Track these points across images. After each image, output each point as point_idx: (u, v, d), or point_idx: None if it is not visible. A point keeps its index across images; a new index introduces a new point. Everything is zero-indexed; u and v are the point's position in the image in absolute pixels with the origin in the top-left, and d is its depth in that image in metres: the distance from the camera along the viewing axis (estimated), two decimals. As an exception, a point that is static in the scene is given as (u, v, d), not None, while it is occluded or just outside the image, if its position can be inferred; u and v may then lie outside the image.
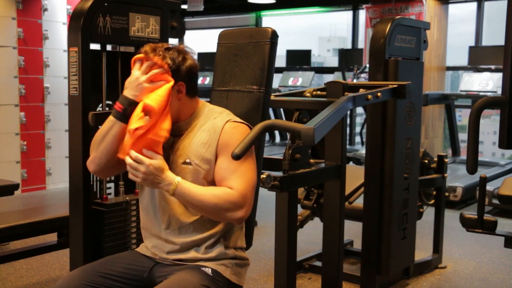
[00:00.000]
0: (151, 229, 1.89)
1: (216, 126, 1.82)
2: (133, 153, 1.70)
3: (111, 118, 1.82)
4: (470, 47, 6.52)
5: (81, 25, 2.43)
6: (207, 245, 1.83)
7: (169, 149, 1.84)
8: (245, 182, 1.77)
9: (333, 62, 9.84)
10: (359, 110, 7.85)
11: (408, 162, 3.26)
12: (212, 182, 1.81)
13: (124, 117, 1.78)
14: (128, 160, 1.71)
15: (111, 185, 2.65)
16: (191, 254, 1.83)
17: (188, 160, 1.79)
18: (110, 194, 2.63)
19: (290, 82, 7.61)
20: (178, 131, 1.86)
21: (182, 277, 1.74)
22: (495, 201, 4.99)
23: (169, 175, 1.72)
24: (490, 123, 10.88)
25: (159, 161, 1.71)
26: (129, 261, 1.88)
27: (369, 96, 2.53)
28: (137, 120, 1.71)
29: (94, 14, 2.46)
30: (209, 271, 1.80)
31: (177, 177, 1.73)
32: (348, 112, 4.27)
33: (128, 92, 1.78)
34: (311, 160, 2.50)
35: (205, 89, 8.28)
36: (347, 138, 5.48)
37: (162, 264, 1.86)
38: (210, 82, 2.01)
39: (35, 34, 5.88)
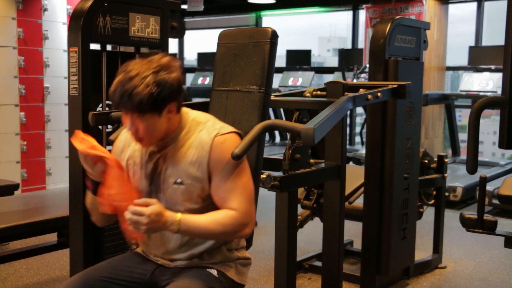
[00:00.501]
0: (154, 250, 1.87)
1: (204, 142, 1.73)
2: (131, 208, 1.61)
3: (90, 194, 1.81)
4: (470, 47, 6.51)
5: (81, 25, 2.43)
6: (210, 253, 1.82)
7: (158, 168, 1.77)
8: (245, 198, 1.73)
9: (333, 62, 9.84)
10: (359, 110, 7.85)
11: (408, 162, 3.26)
12: (206, 198, 1.76)
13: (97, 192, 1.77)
14: (128, 215, 1.61)
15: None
16: (195, 261, 1.82)
17: (179, 180, 1.73)
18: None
19: (290, 82, 7.61)
20: (163, 146, 1.77)
21: (188, 281, 1.73)
22: (495, 201, 4.99)
23: (169, 215, 1.65)
24: (490, 123, 10.88)
25: (156, 205, 1.62)
26: (131, 264, 1.87)
27: (369, 96, 2.53)
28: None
29: (94, 14, 2.46)
30: (214, 272, 1.79)
31: (177, 214, 1.66)
32: (348, 112, 4.27)
33: (89, 173, 1.75)
34: (311, 160, 2.50)
35: (205, 89, 8.31)
36: (347, 138, 5.47)
37: (164, 267, 1.85)
38: (210, 82, 2.00)
39: (35, 34, 5.88)
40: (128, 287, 1.81)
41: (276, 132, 8.35)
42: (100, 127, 2.63)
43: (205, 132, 1.75)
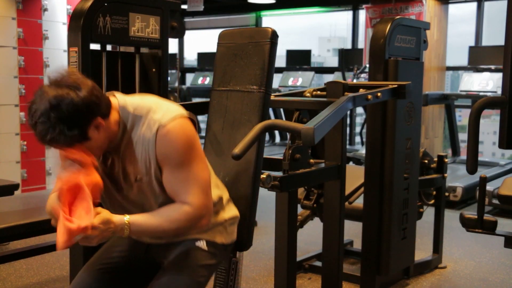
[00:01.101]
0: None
1: (148, 139, 1.64)
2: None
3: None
4: (470, 47, 6.52)
5: (81, 25, 2.43)
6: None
7: (115, 167, 1.72)
8: (198, 188, 1.67)
9: (333, 62, 9.84)
10: (359, 110, 7.85)
11: (408, 162, 3.26)
12: None
13: None
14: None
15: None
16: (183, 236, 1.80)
17: (138, 177, 1.69)
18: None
19: (290, 82, 7.62)
20: (114, 147, 1.69)
21: (174, 277, 1.72)
22: (495, 201, 4.99)
23: (117, 220, 1.60)
24: (490, 123, 10.88)
25: (102, 214, 1.57)
26: (124, 247, 1.87)
27: (369, 96, 2.53)
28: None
29: (94, 14, 2.47)
30: (204, 244, 1.79)
31: (124, 216, 1.62)
32: (348, 112, 4.27)
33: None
34: (311, 160, 2.50)
35: (205, 89, 8.31)
36: (347, 138, 5.47)
37: (155, 244, 1.84)
38: (210, 82, 2.00)
39: (35, 34, 5.88)
40: (128, 269, 1.83)
41: (276, 132, 8.35)
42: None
43: (147, 128, 1.64)
